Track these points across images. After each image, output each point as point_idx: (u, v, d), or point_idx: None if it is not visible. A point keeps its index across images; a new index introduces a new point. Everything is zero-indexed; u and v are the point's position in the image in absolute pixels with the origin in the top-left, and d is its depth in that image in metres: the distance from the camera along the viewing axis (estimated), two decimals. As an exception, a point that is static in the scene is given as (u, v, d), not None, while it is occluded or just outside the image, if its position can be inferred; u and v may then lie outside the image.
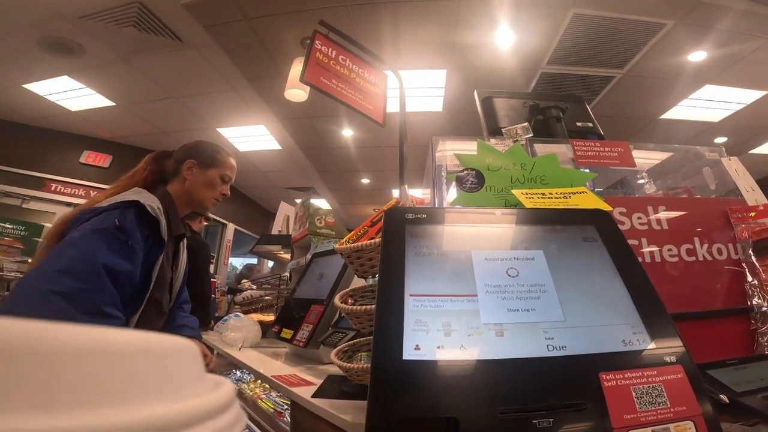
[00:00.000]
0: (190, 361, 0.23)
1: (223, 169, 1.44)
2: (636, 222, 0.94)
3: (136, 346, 0.20)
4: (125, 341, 0.19)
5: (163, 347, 0.21)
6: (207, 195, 1.40)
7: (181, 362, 0.22)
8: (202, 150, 1.43)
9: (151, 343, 0.21)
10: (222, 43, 3.77)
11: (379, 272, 0.66)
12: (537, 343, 0.57)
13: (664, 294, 0.88)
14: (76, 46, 3.82)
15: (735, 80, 4.16)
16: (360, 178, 7.33)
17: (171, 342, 0.22)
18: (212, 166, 1.41)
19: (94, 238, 1.02)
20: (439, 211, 0.83)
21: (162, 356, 0.21)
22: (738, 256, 0.92)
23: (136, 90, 4.58)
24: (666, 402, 0.51)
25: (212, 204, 1.44)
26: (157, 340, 0.21)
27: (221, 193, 1.45)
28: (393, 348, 0.56)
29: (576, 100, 1.73)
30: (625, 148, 1.13)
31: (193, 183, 1.38)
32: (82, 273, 0.96)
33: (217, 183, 1.42)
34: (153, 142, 5.69)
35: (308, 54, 2.06)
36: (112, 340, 0.19)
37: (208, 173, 1.40)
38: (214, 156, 1.43)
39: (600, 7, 3.29)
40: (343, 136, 5.66)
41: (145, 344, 0.20)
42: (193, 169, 1.38)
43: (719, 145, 5.06)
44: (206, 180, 1.39)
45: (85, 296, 0.95)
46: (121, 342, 0.19)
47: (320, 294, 1.78)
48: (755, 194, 1.00)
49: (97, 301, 0.97)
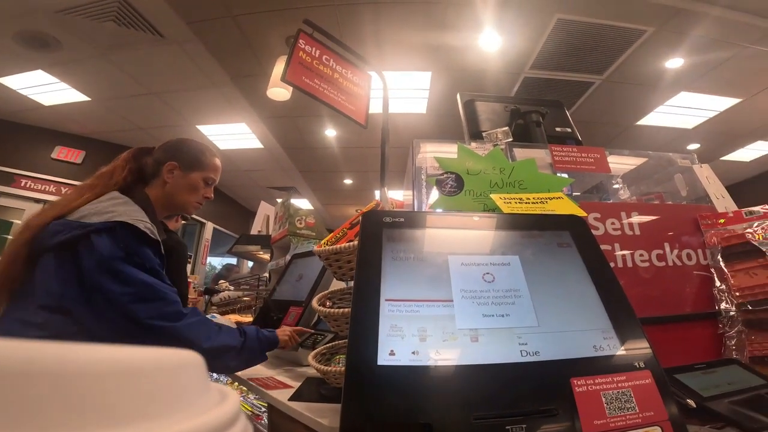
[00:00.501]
0: (198, 374, 0.23)
1: (207, 171, 1.37)
2: (610, 227, 0.96)
3: (148, 362, 0.20)
4: (136, 358, 0.19)
5: (173, 361, 0.21)
6: (189, 199, 1.34)
7: (191, 375, 0.22)
8: (184, 150, 1.35)
9: (162, 358, 0.21)
10: (205, 39, 3.71)
11: (355, 276, 0.66)
12: (511, 349, 0.57)
13: (635, 298, 0.90)
14: (53, 40, 3.70)
15: (709, 87, 4.29)
16: (343, 179, 7.31)
17: (179, 356, 0.22)
18: (195, 168, 1.34)
19: (121, 266, 1.04)
20: (416, 215, 0.83)
21: (173, 371, 0.21)
22: (707, 262, 0.95)
23: (113, 85, 4.46)
24: (635, 407, 0.52)
25: (195, 208, 1.38)
26: (166, 354, 0.21)
27: (204, 197, 1.38)
28: (368, 353, 0.55)
29: (556, 105, 1.76)
30: (601, 154, 1.15)
31: (174, 187, 1.31)
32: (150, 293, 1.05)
33: (200, 186, 1.35)
34: (129, 138, 5.55)
35: (291, 53, 2.03)
36: (124, 358, 0.19)
37: (190, 176, 1.32)
38: (198, 157, 1.36)
39: (584, 12, 3.35)
40: (327, 136, 5.63)
41: (156, 360, 0.20)
42: (174, 172, 1.31)
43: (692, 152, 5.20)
44: (188, 183, 1.32)
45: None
46: (132, 359, 0.19)
47: (299, 295, 1.76)
48: (725, 201, 1.03)
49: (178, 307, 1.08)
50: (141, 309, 1.01)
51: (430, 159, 1.13)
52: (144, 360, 0.20)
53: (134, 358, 0.19)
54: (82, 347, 0.18)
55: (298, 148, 6.00)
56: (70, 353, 0.17)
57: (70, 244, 1.03)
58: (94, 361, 0.17)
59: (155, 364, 0.20)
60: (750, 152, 5.86)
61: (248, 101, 4.74)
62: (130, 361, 0.19)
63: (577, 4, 3.25)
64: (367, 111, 2.19)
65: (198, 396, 0.22)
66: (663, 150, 1.25)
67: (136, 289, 1.02)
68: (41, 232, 1.07)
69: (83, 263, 1.01)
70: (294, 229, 2.32)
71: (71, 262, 1.03)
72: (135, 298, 1.01)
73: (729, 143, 5.58)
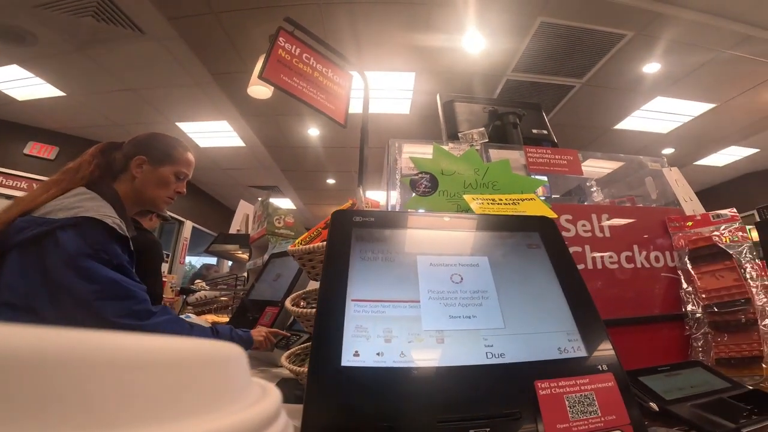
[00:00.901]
0: (242, 368, 0.23)
1: (179, 165, 1.34)
2: (581, 229, 0.96)
3: (196, 354, 0.19)
4: (184, 349, 0.19)
5: (221, 354, 0.21)
6: (159, 194, 1.30)
7: (235, 369, 0.22)
8: (154, 144, 1.33)
9: (209, 350, 0.20)
10: (186, 36, 3.64)
11: (321, 276, 0.64)
12: (477, 351, 0.57)
13: (604, 299, 0.91)
14: (28, 35, 3.61)
15: (684, 93, 4.40)
16: (326, 178, 7.27)
17: (225, 349, 0.22)
18: (165, 162, 1.31)
19: (87, 263, 1.00)
20: (387, 214, 0.82)
21: (219, 364, 0.21)
22: (674, 264, 0.97)
23: (90, 80, 4.36)
24: (597, 411, 0.52)
25: (165, 203, 1.34)
26: (211, 347, 0.21)
27: (176, 191, 1.35)
28: (331, 354, 0.54)
29: (534, 108, 1.77)
30: (574, 156, 1.16)
31: (143, 182, 1.27)
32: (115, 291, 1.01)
33: (170, 181, 1.32)
34: (104, 134, 5.40)
35: (270, 51, 2.00)
36: (172, 349, 0.18)
37: (160, 170, 1.29)
38: (168, 152, 1.33)
39: (566, 16, 3.40)
40: (309, 135, 5.58)
41: (203, 352, 0.20)
42: (143, 166, 1.28)
43: (663, 155, 5.35)
44: (158, 178, 1.29)
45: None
46: (180, 350, 0.19)
47: (276, 295, 1.74)
48: (693, 204, 1.05)
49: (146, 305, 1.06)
50: (108, 307, 0.99)
51: (406, 159, 1.12)
52: (192, 352, 0.19)
53: (179, 348, 0.19)
54: (129, 337, 0.17)
55: (280, 147, 5.94)
56: (116, 343, 0.16)
57: (36, 240, 1.00)
58: (135, 350, 0.17)
59: (202, 356, 0.20)
60: (723, 157, 6.04)
61: (230, 99, 4.68)
62: (178, 353, 0.18)
63: (560, 7, 3.30)
64: (347, 110, 2.17)
65: (242, 391, 0.22)
66: (639, 154, 1.27)
67: (103, 286, 0.99)
68: (6, 229, 1.04)
69: (48, 260, 0.98)
70: (272, 229, 2.29)
71: (36, 259, 1.00)
72: (101, 296, 0.98)
73: (703, 148, 5.74)
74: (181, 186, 1.36)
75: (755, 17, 3.29)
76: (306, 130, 5.45)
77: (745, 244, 0.93)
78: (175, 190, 1.34)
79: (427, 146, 1.16)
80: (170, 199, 1.34)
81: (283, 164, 6.60)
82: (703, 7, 3.22)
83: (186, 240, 7.03)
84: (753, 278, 0.90)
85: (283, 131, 5.48)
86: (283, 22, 2.14)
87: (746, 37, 3.45)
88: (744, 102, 4.51)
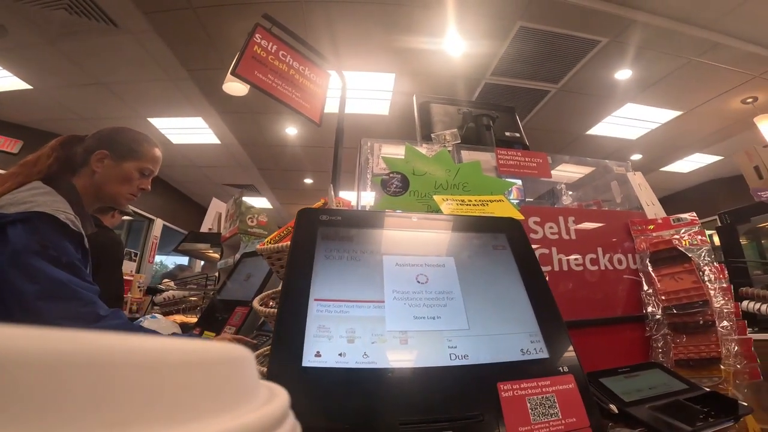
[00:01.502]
0: (251, 369, 0.23)
1: (144, 161, 1.28)
2: (548, 231, 0.98)
3: (206, 355, 0.19)
4: (195, 351, 0.19)
5: (231, 355, 0.21)
6: (120, 190, 1.25)
7: (245, 370, 0.22)
8: (118, 139, 1.27)
9: (219, 351, 0.20)
10: (162, 30, 3.55)
11: (284, 275, 0.63)
12: (440, 352, 0.56)
13: (569, 301, 0.92)
14: None
15: (653, 100, 4.55)
16: (303, 178, 7.19)
17: (234, 350, 0.21)
18: (129, 158, 1.25)
19: (32, 259, 0.95)
20: (354, 213, 0.81)
21: (229, 365, 0.21)
22: (636, 266, 0.99)
23: (58, 74, 4.21)
24: (558, 413, 0.52)
25: (127, 200, 1.29)
26: (221, 348, 0.21)
27: (139, 188, 1.30)
28: (292, 354, 0.52)
29: (508, 111, 1.79)
30: (543, 159, 1.17)
31: (104, 177, 1.22)
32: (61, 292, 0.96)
33: (133, 177, 1.26)
34: (71, 128, 5.14)
35: (244, 47, 1.97)
36: (182, 350, 0.18)
37: (123, 166, 1.24)
38: (133, 147, 1.27)
39: (545, 21, 3.45)
40: (287, 134, 5.51)
41: (213, 353, 0.20)
42: (104, 161, 1.22)
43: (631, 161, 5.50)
44: (120, 174, 1.24)
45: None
46: (191, 352, 0.19)
47: (246, 295, 1.71)
48: (655, 208, 1.08)
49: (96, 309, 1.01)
50: (49, 308, 0.94)
51: (379, 159, 1.11)
52: (202, 353, 0.19)
53: (185, 349, 0.18)
54: (138, 338, 0.17)
55: (257, 145, 5.85)
56: (126, 345, 0.16)
57: None
58: (142, 350, 0.17)
59: (213, 357, 0.20)
60: (688, 164, 6.27)
61: (205, 95, 4.58)
62: (188, 355, 0.18)
63: (539, 12, 3.35)
64: (322, 109, 2.15)
65: (251, 392, 0.22)
66: (609, 159, 1.30)
67: (44, 286, 0.94)
68: None
69: None
70: (245, 228, 2.25)
71: None
72: (42, 296, 0.93)
73: (669, 154, 5.95)
74: (145, 182, 1.31)
75: (724, 25, 3.41)
76: (284, 128, 5.38)
77: (704, 248, 0.96)
78: (139, 187, 1.29)
79: (402, 147, 1.16)
80: (133, 195, 1.28)
81: (259, 163, 6.48)
82: (674, 14, 3.32)
83: (156, 238, 6.82)
84: (711, 281, 0.93)
85: (260, 129, 5.40)
86: (261, 19, 2.11)
87: (714, 44, 3.58)
88: (709, 110, 4.69)
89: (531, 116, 4.88)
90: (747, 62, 3.79)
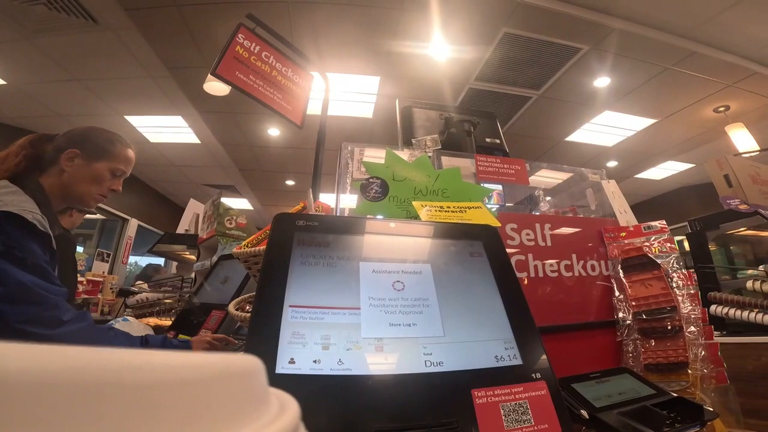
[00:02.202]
0: (260, 381, 0.22)
1: (116, 162, 1.25)
2: (525, 238, 0.99)
3: (213, 370, 0.18)
4: (202, 365, 0.18)
5: (239, 368, 0.20)
6: (90, 190, 1.21)
7: (254, 383, 0.21)
8: (90, 138, 1.23)
9: (227, 365, 0.19)
10: (143, 27, 3.47)
11: (258, 280, 0.62)
12: (415, 359, 0.56)
13: (544, 307, 0.94)
14: None
15: (630, 107, 4.66)
16: (285, 179, 7.13)
17: (242, 361, 0.21)
18: (102, 158, 1.22)
19: None
20: (332, 219, 0.80)
21: (238, 379, 0.20)
22: (608, 273, 1.01)
23: (34, 70, 4.07)
24: (530, 420, 0.52)
25: (96, 201, 1.25)
26: (229, 361, 0.20)
27: (110, 189, 1.26)
28: (266, 361, 0.51)
29: (489, 117, 1.81)
30: (521, 166, 1.19)
31: (73, 176, 1.18)
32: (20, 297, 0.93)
33: (104, 178, 1.23)
34: (45, 125, 5.04)
35: (226, 47, 1.94)
36: (186, 365, 0.17)
37: (94, 166, 1.21)
38: (105, 147, 1.24)
39: (529, 28, 3.50)
40: (269, 134, 5.45)
41: (222, 367, 0.19)
42: (75, 160, 1.18)
43: (607, 168, 5.63)
44: (90, 174, 1.20)
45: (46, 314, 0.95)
46: (198, 367, 0.18)
47: (223, 299, 1.69)
48: (627, 216, 1.11)
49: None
50: (9, 311, 0.91)
51: (358, 163, 1.11)
52: (209, 368, 0.18)
53: (200, 365, 0.18)
54: (142, 354, 0.16)
55: (238, 146, 5.77)
56: (129, 362, 0.15)
57: None
58: (159, 370, 0.16)
59: (221, 372, 0.19)
60: (661, 171, 6.46)
61: (186, 94, 4.49)
62: (195, 370, 0.17)
63: (524, 19, 3.40)
64: (304, 111, 2.14)
65: (260, 406, 0.21)
66: (587, 166, 1.33)
67: (6, 288, 0.91)
68: None
69: None
70: (223, 229, 2.21)
71: None
72: (4, 299, 0.91)
73: (643, 162, 6.11)
74: (116, 183, 1.27)
75: (701, 34, 3.53)
76: (266, 129, 5.32)
77: (672, 255, 0.99)
78: (110, 188, 1.26)
79: (380, 150, 1.16)
80: (102, 196, 1.25)
81: (240, 163, 6.39)
82: (653, 22, 3.42)
83: (130, 239, 6.64)
84: (679, 287, 0.96)
85: (241, 129, 5.32)
86: (245, 19, 2.08)
87: (691, 53, 3.69)
88: (683, 118, 4.84)
89: (513, 122, 4.95)
90: (721, 71, 3.92)
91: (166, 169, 6.56)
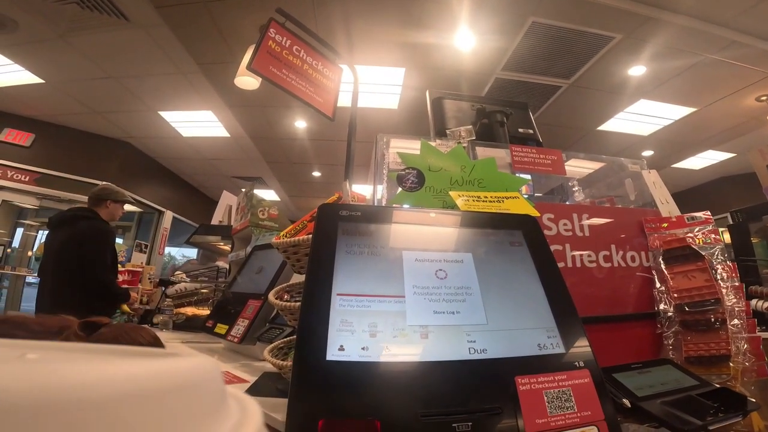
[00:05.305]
0: (214, 387, 0.20)
1: None
2: (562, 228, 0.99)
3: (161, 382, 0.17)
4: (149, 378, 0.16)
5: (191, 378, 0.18)
6: None
7: (208, 392, 0.19)
8: None
9: (182, 373, 0.18)
10: (172, 24, 3.56)
11: (307, 269, 0.64)
12: (459, 346, 0.58)
13: (581, 297, 0.93)
14: (9, 21, 3.49)
15: (667, 96, 4.49)
16: (311, 171, 7.21)
17: (195, 370, 0.19)
18: None
19: None
20: (373, 209, 0.82)
21: (190, 390, 0.18)
22: (649, 264, 1.00)
23: (70, 68, 4.24)
24: (573, 406, 0.53)
25: None
26: (180, 369, 0.18)
27: None
28: (317, 348, 0.54)
29: (521, 107, 1.79)
30: (558, 156, 1.18)
31: None
32: None
33: None
34: (82, 121, 5.31)
35: (260, 42, 1.98)
36: (134, 379, 0.16)
37: None
38: None
39: (558, 17, 3.41)
40: (296, 127, 5.52)
41: (169, 379, 0.17)
42: None
43: (643, 157, 5.44)
44: None
45: None
46: (145, 379, 0.16)
47: (258, 288, 1.73)
48: (669, 206, 1.08)
49: None
50: None
51: (393, 154, 1.13)
52: (157, 380, 0.17)
53: (146, 378, 0.16)
54: (70, 368, 0.15)
55: (266, 138, 5.87)
56: (71, 380, 0.14)
57: None
58: (97, 385, 0.14)
59: (176, 382, 0.17)
60: (700, 161, 6.19)
61: (216, 89, 4.59)
62: (141, 383, 0.16)
63: (552, 8, 3.32)
64: (335, 104, 2.16)
65: (217, 416, 0.19)
66: (620, 155, 1.30)
67: None
68: None
69: None
70: (256, 220, 2.27)
71: None
72: None
73: (681, 151, 5.87)
74: None
75: (742, 24, 3.37)
76: (293, 122, 5.39)
77: (717, 246, 0.97)
78: None
79: (414, 142, 1.17)
80: None
81: (268, 156, 6.51)
82: (693, 12, 3.28)
83: (166, 230, 6.89)
84: (723, 279, 0.94)
85: (270, 123, 5.41)
86: (275, 14, 2.11)
87: (731, 42, 3.53)
88: (723, 107, 4.63)
89: (541, 111, 4.84)
90: (762, 60, 3.74)
91: (197, 162, 6.75)
